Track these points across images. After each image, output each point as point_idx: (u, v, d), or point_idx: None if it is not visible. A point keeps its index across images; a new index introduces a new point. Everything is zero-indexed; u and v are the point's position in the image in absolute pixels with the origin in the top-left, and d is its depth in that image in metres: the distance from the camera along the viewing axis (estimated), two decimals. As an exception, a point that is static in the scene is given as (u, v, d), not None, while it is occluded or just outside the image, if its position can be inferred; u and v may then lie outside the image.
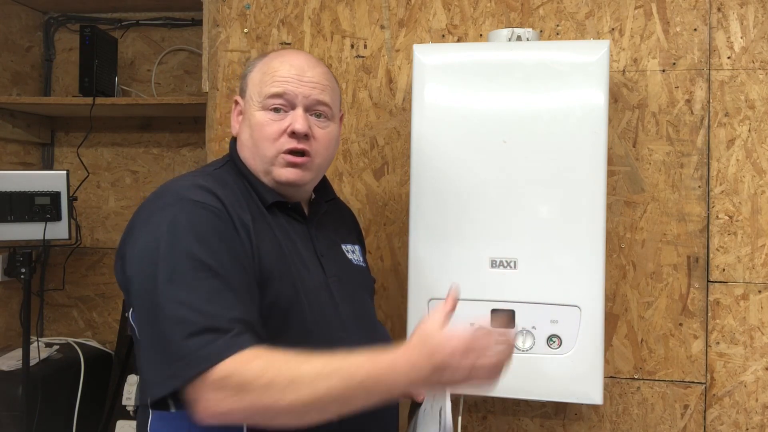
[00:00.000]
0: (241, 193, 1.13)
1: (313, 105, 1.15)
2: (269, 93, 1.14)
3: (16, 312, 2.31)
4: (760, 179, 1.54)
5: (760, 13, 1.54)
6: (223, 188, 1.09)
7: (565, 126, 1.38)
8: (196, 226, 1.01)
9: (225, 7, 1.76)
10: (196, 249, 0.98)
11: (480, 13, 1.66)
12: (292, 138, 1.12)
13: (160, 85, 2.37)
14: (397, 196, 1.68)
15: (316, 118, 1.16)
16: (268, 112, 1.14)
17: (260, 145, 1.14)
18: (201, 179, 1.10)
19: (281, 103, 1.14)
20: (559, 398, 1.43)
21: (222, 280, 0.98)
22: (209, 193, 1.05)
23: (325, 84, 1.17)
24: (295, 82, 1.14)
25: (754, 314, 1.54)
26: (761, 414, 1.53)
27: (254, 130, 1.14)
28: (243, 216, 1.07)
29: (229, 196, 1.08)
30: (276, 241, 1.10)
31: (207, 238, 1.00)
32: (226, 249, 1.01)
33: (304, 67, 1.16)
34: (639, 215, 1.58)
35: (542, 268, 1.38)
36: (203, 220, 1.02)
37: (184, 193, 1.05)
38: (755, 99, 1.54)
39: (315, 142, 1.15)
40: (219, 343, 0.93)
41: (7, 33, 2.24)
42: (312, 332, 1.08)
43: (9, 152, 2.29)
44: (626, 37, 1.59)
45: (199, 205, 1.03)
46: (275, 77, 1.14)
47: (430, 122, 1.44)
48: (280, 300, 1.06)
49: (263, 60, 1.20)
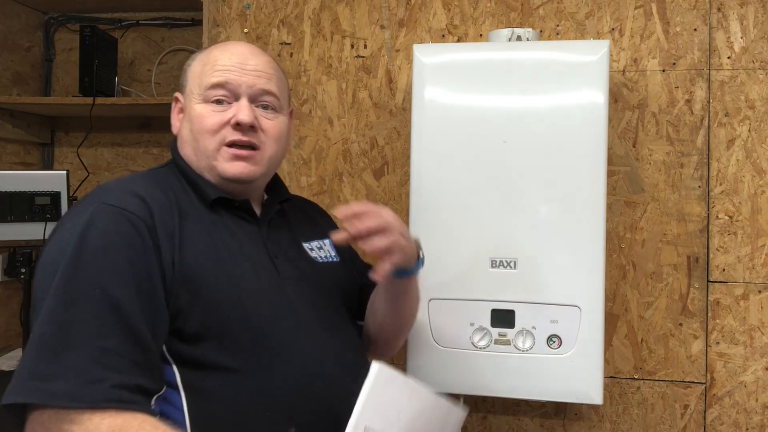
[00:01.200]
0: (176, 192, 1.04)
1: (259, 95, 1.08)
2: (210, 83, 1.06)
3: (16, 312, 2.31)
4: (760, 179, 1.54)
5: (760, 13, 1.54)
6: (155, 189, 1.02)
7: (565, 126, 1.38)
8: (108, 244, 0.92)
9: (225, 7, 1.76)
10: (101, 276, 0.90)
11: (480, 13, 1.66)
12: (236, 130, 1.05)
13: (160, 85, 2.37)
14: (397, 196, 1.68)
15: (263, 109, 1.09)
16: (209, 104, 1.06)
17: (200, 139, 1.06)
18: (134, 181, 1.04)
19: (223, 94, 1.06)
20: (559, 398, 1.43)
21: (120, 317, 0.89)
22: (135, 197, 0.97)
23: (270, 73, 1.10)
24: (237, 71, 1.06)
25: (754, 314, 1.54)
26: (761, 414, 1.53)
27: (194, 123, 1.06)
28: (169, 221, 0.98)
29: (160, 198, 1.00)
30: (211, 243, 1.01)
31: (116, 261, 0.91)
32: (134, 273, 0.92)
33: (246, 55, 1.08)
34: (639, 215, 1.58)
35: (542, 268, 1.38)
36: (117, 234, 0.93)
37: (106, 198, 0.97)
38: (755, 99, 1.54)
39: (263, 134, 1.07)
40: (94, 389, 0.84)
41: (7, 33, 2.24)
42: (259, 337, 1.00)
43: (9, 152, 2.29)
44: (626, 37, 1.59)
45: (118, 212, 0.94)
46: (216, 67, 1.07)
47: (430, 122, 1.44)
48: (216, 305, 0.98)
49: (204, 51, 1.13)
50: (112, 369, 0.86)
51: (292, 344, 1.03)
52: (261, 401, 0.98)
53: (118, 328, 0.89)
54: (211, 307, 0.97)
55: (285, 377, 1.00)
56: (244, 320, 1.00)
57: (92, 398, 0.84)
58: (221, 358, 0.97)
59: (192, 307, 0.96)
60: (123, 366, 0.88)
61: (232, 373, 0.97)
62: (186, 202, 1.04)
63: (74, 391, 0.84)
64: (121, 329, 0.89)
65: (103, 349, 0.87)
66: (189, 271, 0.97)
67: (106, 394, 0.85)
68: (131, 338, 0.89)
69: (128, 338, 0.89)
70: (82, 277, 0.90)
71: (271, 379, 0.99)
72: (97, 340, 0.87)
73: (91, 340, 0.87)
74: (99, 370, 0.85)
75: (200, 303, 0.97)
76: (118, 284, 0.90)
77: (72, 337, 0.87)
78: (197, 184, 1.07)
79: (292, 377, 1.00)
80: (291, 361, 1.01)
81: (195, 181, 1.07)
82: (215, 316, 0.97)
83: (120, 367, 0.87)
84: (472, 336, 1.41)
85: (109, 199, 0.97)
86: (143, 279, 0.93)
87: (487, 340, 1.41)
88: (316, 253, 1.19)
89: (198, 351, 0.97)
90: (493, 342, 1.41)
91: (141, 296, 0.92)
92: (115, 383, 0.86)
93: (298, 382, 1.01)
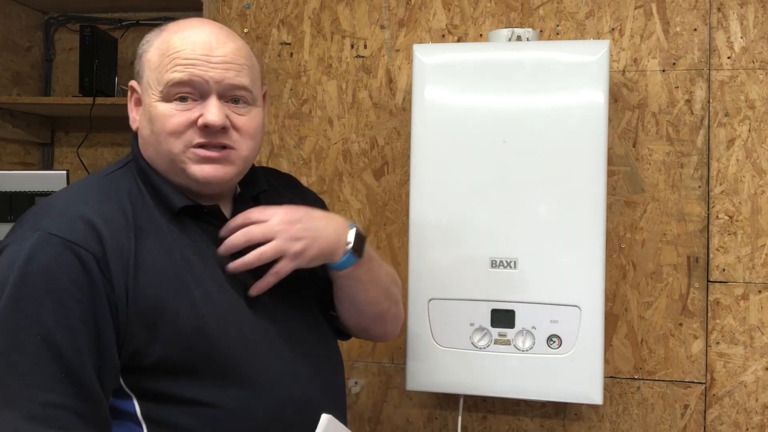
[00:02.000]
0: (134, 202, 0.94)
1: (229, 90, 0.95)
2: (171, 80, 0.93)
3: (16, 312, 2.31)
4: (760, 179, 1.54)
5: (760, 13, 1.54)
6: (109, 204, 0.92)
7: (565, 126, 1.38)
8: (51, 285, 0.83)
9: (225, 7, 1.76)
10: (42, 321, 0.82)
11: (480, 13, 1.66)
12: (204, 131, 0.93)
13: (160, 85, 2.37)
14: (397, 196, 1.68)
15: (234, 103, 0.96)
16: (171, 102, 0.93)
17: (163, 142, 0.94)
18: (85, 196, 0.93)
19: (188, 91, 0.93)
20: (559, 398, 1.43)
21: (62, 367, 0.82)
22: (84, 222, 0.87)
23: (241, 63, 0.96)
24: (202, 65, 0.92)
25: (754, 314, 1.54)
26: (761, 414, 1.53)
27: (155, 124, 0.94)
28: (124, 245, 0.88)
29: (114, 217, 0.90)
30: (170, 265, 0.91)
31: (59, 304, 0.83)
32: (80, 318, 0.83)
33: (212, 44, 0.94)
34: (639, 215, 1.58)
35: (542, 268, 1.38)
36: (61, 272, 0.84)
37: (51, 226, 0.87)
38: (755, 99, 1.54)
39: (236, 134, 0.96)
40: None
41: (7, 33, 2.24)
42: (224, 366, 0.92)
43: (9, 152, 2.28)
44: (626, 37, 1.59)
45: (62, 245, 0.85)
46: (176, 60, 0.93)
47: (430, 122, 1.44)
48: (175, 338, 0.89)
49: (160, 36, 0.97)
50: (54, 426, 0.80)
51: (259, 371, 0.94)
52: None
53: (61, 379, 0.82)
54: (170, 341, 0.89)
55: (253, 408, 0.92)
56: (208, 350, 0.91)
57: None
58: (183, 390, 0.90)
59: (149, 343, 0.88)
60: (65, 420, 0.81)
61: (196, 405, 0.90)
62: (144, 215, 0.94)
63: None
64: (64, 380, 0.82)
65: (44, 403, 0.81)
66: (144, 303, 0.88)
67: None
68: (75, 389, 0.83)
69: (71, 390, 0.82)
70: (21, 322, 0.82)
71: (236, 410, 0.91)
72: (38, 394, 0.81)
73: (32, 394, 0.80)
74: (39, 429, 0.80)
75: (158, 338, 0.89)
76: (60, 330, 0.82)
77: (10, 392, 0.81)
78: (161, 191, 0.96)
79: (261, 407, 0.93)
80: (259, 389, 0.93)
81: (159, 188, 0.96)
82: (175, 349, 0.89)
83: (62, 422, 0.81)
84: (472, 336, 1.41)
85: (53, 227, 0.87)
86: (90, 323, 0.84)
87: (487, 340, 1.41)
88: None
89: (158, 383, 0.90)
90: (493, 342, 1.41)
91: (88, 342, 0.84)
92: None
93: (267, 413, 0.93)
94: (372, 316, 1.14)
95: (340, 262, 1.02)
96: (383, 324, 1.18)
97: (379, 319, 1.16)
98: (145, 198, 0.96)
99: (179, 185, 0.97)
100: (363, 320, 1.14)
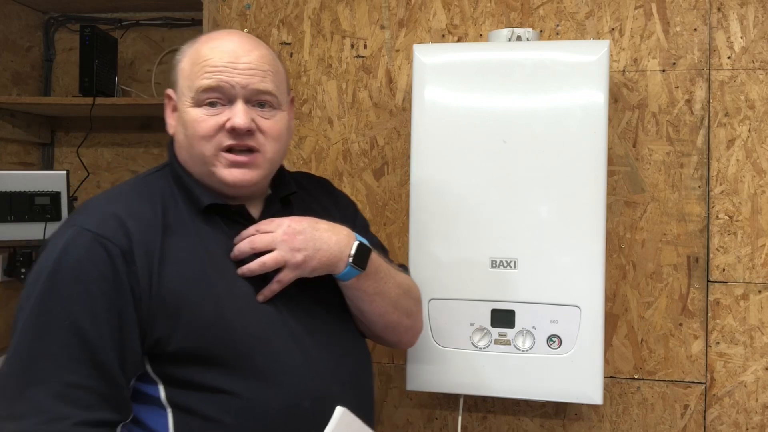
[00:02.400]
0: (166, 202, 1.02)
1: (254, 95, 1.02)
2: (201, 87, 1.00)
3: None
4: (760, 179, 1.54)
5: (760, 13, 1.54)
6: (141, 203, 1.00)
7: (565, 126, 1.38)
8: (80, 275, 0.91)
9: (225, 7, 1.76)
10: (71, 308, 0.90)
11: (480, 13, 1.66)
12: (232, 134, 1.00)
13: (160, 85, 2.37)
14: (397, 196, 1.68)
15: (260, 108, 1.03)
16: (201, 107, 1.01)
17: (195, 145, 1.01)
18: (120, 196, 1.03)
19: (216, 96, 1.01)
20: (559, 398, 1.43)
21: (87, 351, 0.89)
22: (115, 219, 0.96)
23: (265, 69, 1.03)
24: (230, 71, 1.00)
25: (754, 314, 1.54)
26: (761, 414, 1.53)
27: (187, 129, 1.02)
28: (151, 241, 0.96)
29: (145, 215, 0.98)
30: (195, 260, 0.98)
31: (87, 293, 0.91)
32: (105, 306, 0.91)
33: (238, 53, 1.02)
34: (639, 215, 1.58)
35: (542, 268, 1.38)
36: (90, 264, 0.92)
37: (85, 221, 0.96)
38: (755, 99, 1.54)
39: (262, 136, 1.03)
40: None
41: (7, 33, 2.24)
42: (243, 357, 0.98)
43: (9, 152, 2.28)
44: (626, 37, 1.59)
45: (93, 239, 0.93)
46: (206, 68, 1.01)
47: (430, 122, 1.44)
48: (196, 328, 0.96)
49: (193, 46, 1.06)
50: (76, 405, 0.88)
51: (278, 363, 0.99)
52: (244, 422, 0.96)
53: (85, 362, 0.89)
54: (192, 331, 0.96)
55: (269, 398, 0.97)
56: (227, 341, 0.97)
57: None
58: (203, 378, 0.96)
59: (172, 332, 0.95)
60: (87, 401, 0.89)
61: (216, 392, 0.96)
62: (174, 214, 1.01)
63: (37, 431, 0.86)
64: (87, 363, 0.89)
65: (69, 383, 0.88)
66: (167, 294, 0.95)
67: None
68: (97, 373, 0.90)
69: (94, 372, 0.90)
70: (53, 307, 0.90)
71: (254, 400, 0.97)
72: (63, 374, 0.88)
73: (57, 374, 0.88)
74: (62, 408, 0.87)
75: (180, 327, 0.95)
76: (87, 317, 0.90)
77: (38, 371, 0.88)
78: (191, 191, 1.04)
79: (277, 398, 0.98)
80: (276, 381, 0.98)
81: (189, 188, 1.04)
82: (197, 338, 0.96)
83: (84, 403, 0.88)
84: (472, 336, 1.41)
85: (87, 222, 0.95)
86: (114, 312, 0.92)
87: (487, 340, 1.41)
88: None
89: (181, 370, 0.96)
90: (493, 342, 1.41)
91: (111, 329, 0.91)
92: (77, 421, 0.87)
93: (283, 403, 0.98)
94: (381, 326, 1.17)
95: (341, 273, 1.06)
96: (395, 334, 1.21)
97: (389, 330, 1.19)
98: (176, 198, 1.03)
99: (210, 187, 1.04)
100: (373, 329, 1.18)
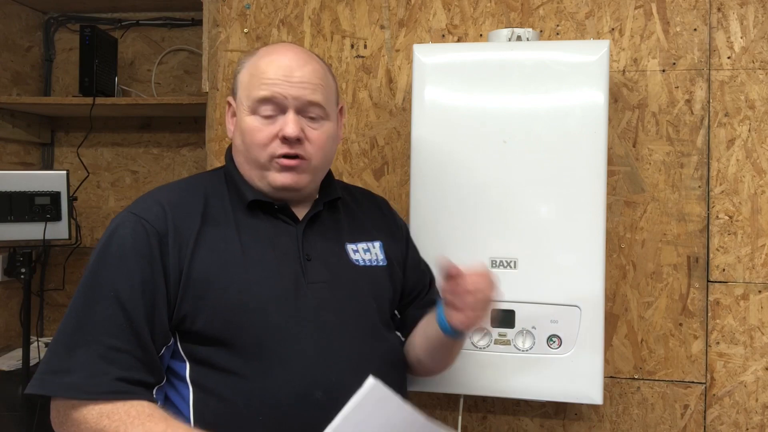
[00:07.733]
0: (212, 196, 1.13)
1: (305, 107, 1.11)
2: (257, 97, 1.10)
3: (16, 312, 2.31)
4: (760, 179, 1.54)
5: (760, 13, 1.54)
6: (188, 195, 1.12)
7: (565, 126, 1.38)
8: (124, 252, 1.03)
9: (225, 7, 1.76)
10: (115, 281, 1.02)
11: (480, 13, 1.66)
12: (284, 143, 1.10)
13: (160, 85, 2.37)
14: (397, 196, 1.68)
15: (309, 120, 1.13)
16: (257, 116, 1.11)
17: (252, 151, 1.12)
18: (172, 187, 1.15)
19: (271, 107, 1.11)
20: (559, 398, 1.43)
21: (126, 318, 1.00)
22: (158, 205, 1.08)
23: (315, 83, 1.12)
24: (283, 84, 1.10)
25: (754, 314, 1.54)
26: (761, 414, 1.53)
27: (245, 136, 1.12)
28: (188, 228, 1.07)
29: (187, 204, 1.10)
30: (228, 249, 1.08)
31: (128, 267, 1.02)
32: (141, 280, 1.02)
33: (292, 67, 1.11)
34: (639, 215, 1.58)
35: (542, 268, 1.38)
36: (132, 242, 1.04)
37: (135, 207, 1.09)
38: (755, 99, 1.54)
39: (309, 145, 1.12)
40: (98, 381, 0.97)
41: (7, 33, 2.24)
42: (262, 343, 1.04)
43: (9, 152, 2.29)
44: (626, 37, 1.59)
45: (136, 221, 1.05)
46: (262, 80, 1.11)
47: (430, 122, 1.44)
48: (220, 310, 1.04)
49: (251, 59, 1.16)
50: (116, 364, 0.98)
51: (296, 352, 1.05)
52: (254, 406, 1.02)
53: (125, 329, 1.00)
54: (215, 312, 1.04)
55: (279, 385, 1.03)
56: (246, 325, 1.05)
57: (96, 390, 0.97)
58: (224, 360, 1.04)
59: (197, 312, 1.04)
60: (125, 362, 0.99)
61: (232, 374, 1.03)
62: (218, 206, 1.12)
63: (81, 384, 0.97)
64: (126, 329, 1.00)
65: (110, 346, 0.99)
66: (196, 276, 1.04)
67: (109, 386, 0.97)
68: (135, 339, 1.00)
69: (132, 338, 1.00)
70: (101, 280, 1.03)
71: (266, 386, 1.02)
72: (105, 338, 0.99)
73: (101, 338, 0.99)
74: (104, 366, 0.98)
75: (205, 307, 1.04)
76: (127, 289, 1.01)
77: (86, 334, 0.99)
78: (239, 188, 1.14)
79: (287, 386, 1.03)
80: (290, 369, 1.03)
81: (238, 185, 1.14)
82: (219, 320, 1.04)
83: (123, 363, 0.99)
84: (472, 336, 1.41)
85: (136, 207, 1.09)
86: (148, 285, 1.02)
87: (487, 340, 1.41)
88: (359, 255, 1.20)
89: (205, 351, 1.05)
90: (493, 342, 1.41)
91: (144, 300, 1.02)
92: (117, 376, 0.98)
93: (293, 391, 1.03)
94: (431, 369, 1.28)
95: (451, 330, 1.14)
96: (428, 372, 1.30)
97: (430, 371, 1.29)
98: (223, 193, 1.14)
99: (260, 189, 1.14)
100: (423, 366, 1.26)
